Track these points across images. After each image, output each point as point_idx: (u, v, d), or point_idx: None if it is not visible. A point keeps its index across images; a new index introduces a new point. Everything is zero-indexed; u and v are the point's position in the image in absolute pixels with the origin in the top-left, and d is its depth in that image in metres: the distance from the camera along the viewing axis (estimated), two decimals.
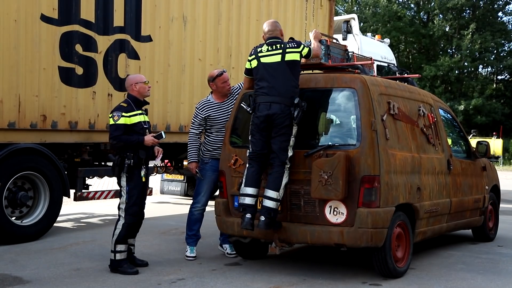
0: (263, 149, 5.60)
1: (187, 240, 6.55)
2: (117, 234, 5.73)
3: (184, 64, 9.12)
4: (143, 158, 5.83)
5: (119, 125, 5.74)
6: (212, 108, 6.52)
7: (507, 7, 37.64)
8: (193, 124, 6.58)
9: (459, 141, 7.83)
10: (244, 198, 5.56)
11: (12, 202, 7.20)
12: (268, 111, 5.49)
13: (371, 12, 35.92)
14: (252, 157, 5.64)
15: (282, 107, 5.47)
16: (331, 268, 6.05)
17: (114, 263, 5.74)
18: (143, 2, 8.43)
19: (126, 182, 5.76)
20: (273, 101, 5.50)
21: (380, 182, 5.34)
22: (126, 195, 5.76)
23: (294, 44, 5.70)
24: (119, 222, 5.78)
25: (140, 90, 5.94)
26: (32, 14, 7.11)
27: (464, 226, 7.44)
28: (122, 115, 5.75)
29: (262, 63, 5.67)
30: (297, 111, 5.45)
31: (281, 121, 5.47)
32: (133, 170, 5.76)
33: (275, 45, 5.71)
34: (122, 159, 5.73)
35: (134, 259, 5.97)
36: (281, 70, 5.58)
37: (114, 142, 5.76)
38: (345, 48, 6.59)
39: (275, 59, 5.63)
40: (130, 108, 5.83)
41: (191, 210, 6.57)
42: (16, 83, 7.00)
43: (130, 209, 5.76)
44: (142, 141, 5.79)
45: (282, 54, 5.63)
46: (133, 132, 5.79)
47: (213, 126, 6.50)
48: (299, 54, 5.65)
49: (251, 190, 5.55)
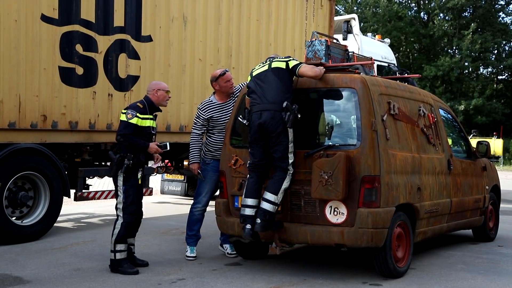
0: (262, 160, 5.61)
1: (187, 240, 6.55)
2: (116, 234, 5.74)
3: (184, 64, 9.12)
4: (143, 161, 5.83)
5: (130, 124, 5.73)
6: (214, 109, 6.51)
7: (508, 7, 37.63)
8: (195, 125, 6.58)
9: (459, 141, 7.83)
10: (244, 209, 5.57)
11: (13, 202, 7.20)
12: (259, 119, 5.51)
13: (372, 12, 35.92)
14: (251, 168, 5.66)
15: (272, 114, 5.46)
16: (331, 268, 6.05)
17: (115, 263, 5.74)
18: (143, 2, 8.44)
19: (122, 181, 5.75)
20: (263, 109, 5.52)
21: (381, 182, 5.34)
22: (123, 194, 5.75)
23: (282, 57, 5.88)
24: (117, 222, 5.78)
25: (160, 97, 5.98)
26: (33, 14, 7.12)
27: (465, 226, 7.44)
28: (136, 115, 5.75)
29: (253, 77, 5.80)
30: (287, 115, 5.43)
31: (274, 128, 5.46)
32: (131, 171, 5.75)
33: (267, 60, 5.90)
34: (122, 158, 5.72)
35: (134, 259, 5.97)
36: (269, 77, 5.64)
37: (122, 140, 5.74)
38: (345, 48, 6.59)
39: (263, 69, 5.76)
40: (145, 111, 5.85)
41: (192, 210, 6.57)
42: (17, 83, 7.00)
43: (128, 208, 5.76)
44: (147, 147, 5.80)
45: (269, 64, 5.76)
46: (141, 134, 5.80)
47: (215, 127, 6.50)
48: (285, 63, 5.71)
49: (251, 201, 5.56)
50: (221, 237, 6.72)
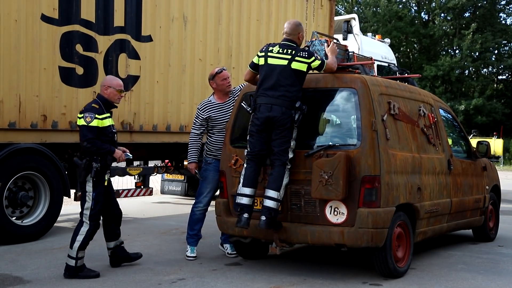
0: (262, 150, 5.59)
1: (188, 240, 6.55)
2: (81, 241, 5.50)
3: (184, 64, 9.13)
4: (110, 164, 5.68)
5: (92, 127, 5.48)
6: (213, 108, 6.51)
7: (508, 7, 37.60)
8: (194, 125, 6.57)
9: (459, 141, 7.83)
10: (242, 198, 5.54)
11: (13, 202, 7.20)
12: (269, 113, 5.47)
13: (372, 12, 35.91)
14: (250, 157, 5.62)
15: (283, 110, 5.45)
16: (332, 268, 6.04)
17: (75, 270, 5.49)
18: (143, 2, 8.44)
19: (92, 187, 5.52)
20: (274, 103, 5.47)
21: (381, 182, 5.34)
22: (92, 201, 5.52)
23: (305, 53, 5.60)
24: (82, 228, 5.54)
25: (110, 95, 5.70)
26: (33, 14, 7.12)
27: (465, 226, 7.44)
28: (95, 117, 5.50)
29: (268, 64, 5.63)
30: (298, 114, 5.45)
31: (282, 123, 5.46)
32: (100, 174, 5.57)
33: (287, 49, 5.64)
34: (90, 162, 5.50)
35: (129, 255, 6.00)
36: (286, 74, 5.53)
37: (88, 146, 5.46)
38: (346, 48, 6.58)
39: (281, 62, 5.57)
40: (101, 110, 5.60)
41: (193, 210, 6.56)
42: (17, 83, 7.00)
43: (96, 215, 5.58)
44: (113, 152, 5.62)
45: (290, 60, 5.56)
46: (103, 135, 5.58)
47: (214, 126, 6.49)
48: (307, 65, 5.57)
49: (248, 190, 5.54)
50: (221, 237, 6.72)
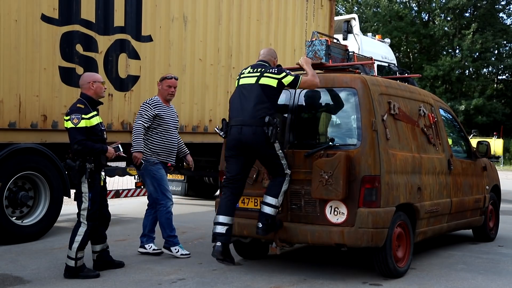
0: (238, 174, 5.48)
1: (173, 240, 6.50)
2: (79, 241, 5.49)
3: (184, 64, 9.13)
4: (104, 163, 5.66)
5: (80, 128, 5.43)
6: (162, 108, 6.54)
7: (508, 7, 37.63)
8: (143, 117, 6.41)
9: (459, 141, 7.83)
10: (216, 227, 5.45)
11: (13, 202, 7.20)
12: (239, 135, 5.36)
13: (372, 12, 35.91)
14: (225, 183, 5.52)
15: (254, 129, 5.31)
16: (332, 268, 6.04)
17: (75, 270, 5.49)
18: (143, 2, 8.44)
19: (88, 188, 5.50)
20: (243, 124, 5.36)
21: (381, 182, 5.34)
22: (88, 202, 5.50)
23: (275, 70, 5.50)
24: (80, 229, 5.53)
25: (97, 89, 5.63)
26: (33, 14, 7.12)
27: (465, 226, 7.44)
28: (82, 117, 5.44)
29: (240, 85, 5.60)
30: (270, 129, 5.27)
31: (257, 145, 5.34)
32: (94, 175, 5.55)
33: (258, 67, 5.59)
34: (83, 164, 5.47)
35: (112, 261, 5.91)
36: (254, 92, 5.42)
37: (80, 148, 5.42)
38: (346, 48, 6.60)
39: (250, 81, 5.52)
40: (88, 109, 5.53)
41: (168, 210, 6.52)
42: (17, 83, 7.00)
43: (93, 215, 5.56)
44: (106, 150, 5.59)
45: (258, 77, 5.49)
46: (93, 134, 5.54)
47: (160, 125, 6.48)
48: (277, 81, 5.42)
49: (222, 218, 5.45)
50: (142, 238, 6.74)
